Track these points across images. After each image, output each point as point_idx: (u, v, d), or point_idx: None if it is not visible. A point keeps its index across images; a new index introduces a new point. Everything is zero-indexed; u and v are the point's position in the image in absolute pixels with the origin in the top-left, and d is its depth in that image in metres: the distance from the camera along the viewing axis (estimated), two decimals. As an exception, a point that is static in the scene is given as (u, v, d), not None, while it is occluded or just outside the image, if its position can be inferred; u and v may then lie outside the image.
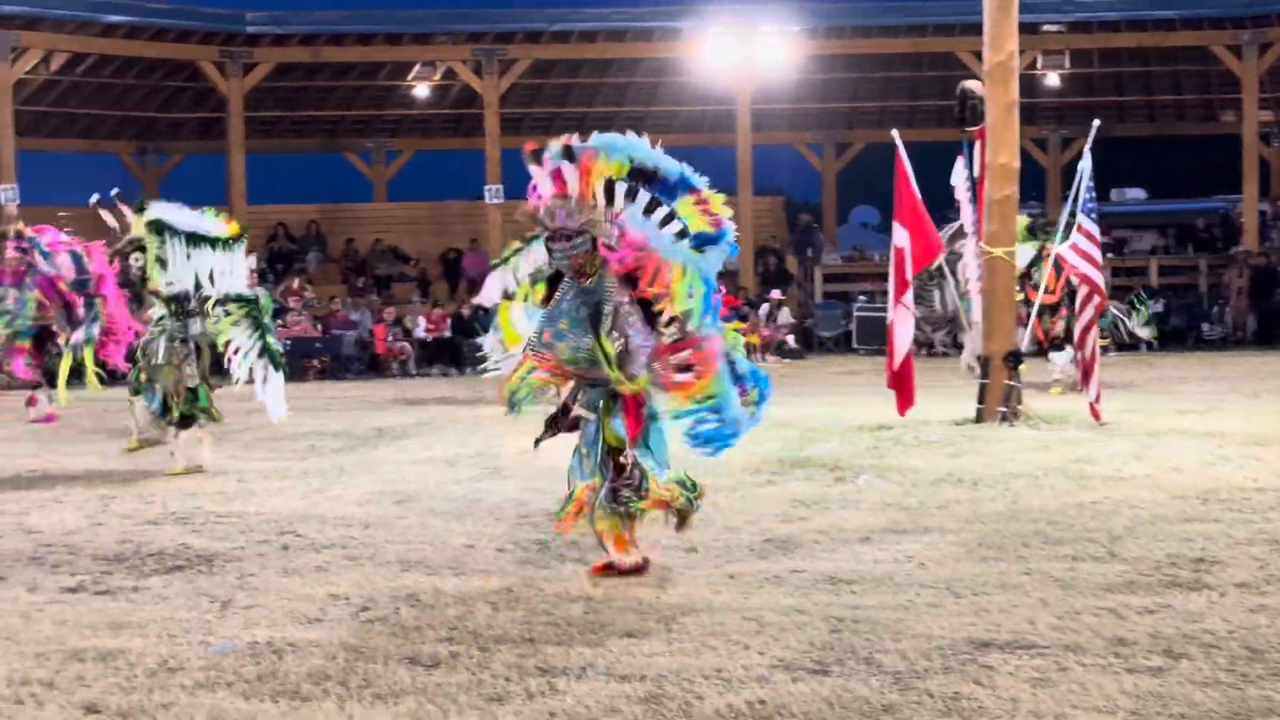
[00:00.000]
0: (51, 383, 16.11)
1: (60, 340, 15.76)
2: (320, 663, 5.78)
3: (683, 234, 7.31)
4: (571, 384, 7.57)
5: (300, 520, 9.36)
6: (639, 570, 7.42)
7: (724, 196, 7.58)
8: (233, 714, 5.17)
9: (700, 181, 7.56)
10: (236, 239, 12.17)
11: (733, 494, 9.86)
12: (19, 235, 15.00)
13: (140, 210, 12.19)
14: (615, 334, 7.28)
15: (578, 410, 7.52)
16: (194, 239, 11.76)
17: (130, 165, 34.62)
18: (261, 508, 10.03)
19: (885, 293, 16.12)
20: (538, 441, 7.77)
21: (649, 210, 7.24)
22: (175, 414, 11.90)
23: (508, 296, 16.91)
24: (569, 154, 7.19)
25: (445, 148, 37.40)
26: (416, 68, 32.69)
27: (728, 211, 7.57)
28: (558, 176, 7.27)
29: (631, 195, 7.21)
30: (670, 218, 7.27)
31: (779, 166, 36.58)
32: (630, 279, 7.24)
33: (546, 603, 6.80)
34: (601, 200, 7.18)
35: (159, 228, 11.75)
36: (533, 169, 7.37)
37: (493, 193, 31.13)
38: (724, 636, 6.00)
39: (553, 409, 7.72)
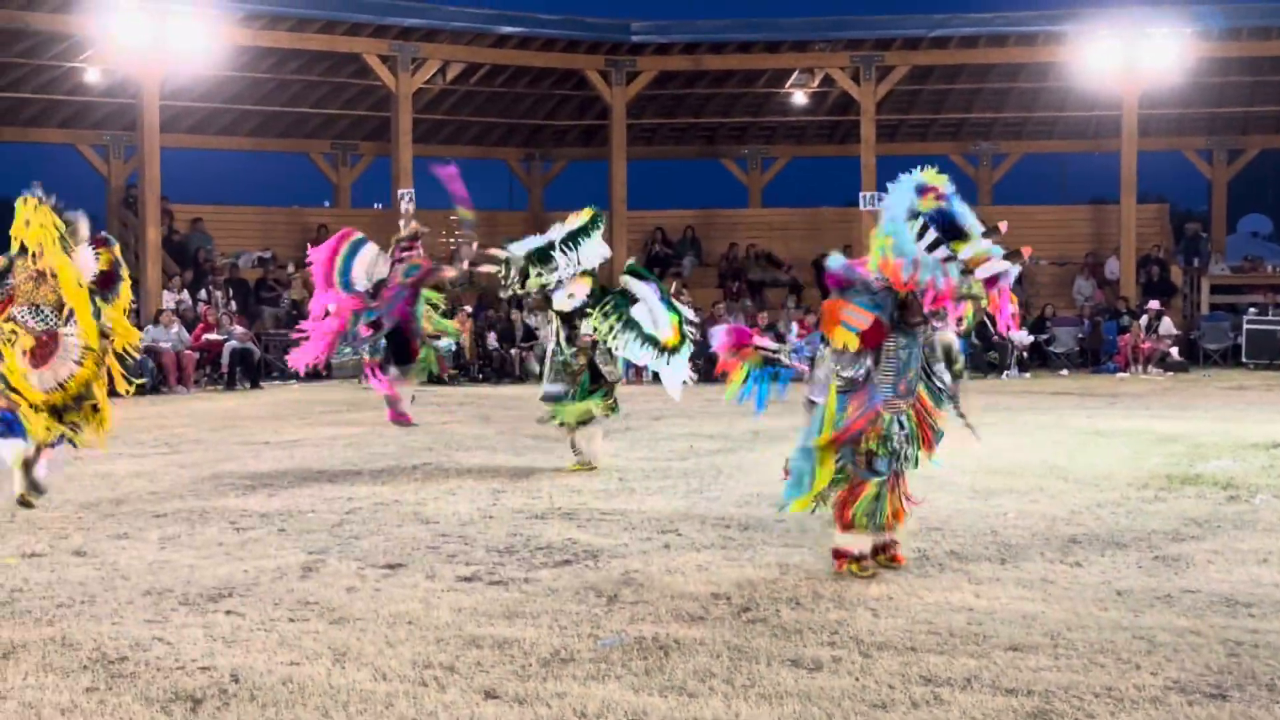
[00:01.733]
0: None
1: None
2: (705, 660, 5.90)
3: None
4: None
5: (681, 519, 9.47)
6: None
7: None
8: (623, 706, 5.30)
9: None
10: (592, 222, 12.34)
11: (1118, 509, 9.64)
12: (415, 236, 15.38)
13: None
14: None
15: None
16: (569, 242, 12.02)
17: (517, 171, 35.56)
18: (643, 506, 10.19)
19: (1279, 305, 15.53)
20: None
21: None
22: (577, 414, 12.17)
23: None
24: None
25: (820, 155, 37.30)
26: (794, 75, 32.71)
27: None
28: None
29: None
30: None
31: (1163, 173, 35.33)
32: None
33: (927, 610, 6.82)
34: None
35: (538, 257, 12.06)
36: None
37: (867, 199, 30.94)
38: (1114, 654, 5.92)
39: None
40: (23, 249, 10.19)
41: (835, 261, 7.86)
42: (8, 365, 10.15)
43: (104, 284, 10.48)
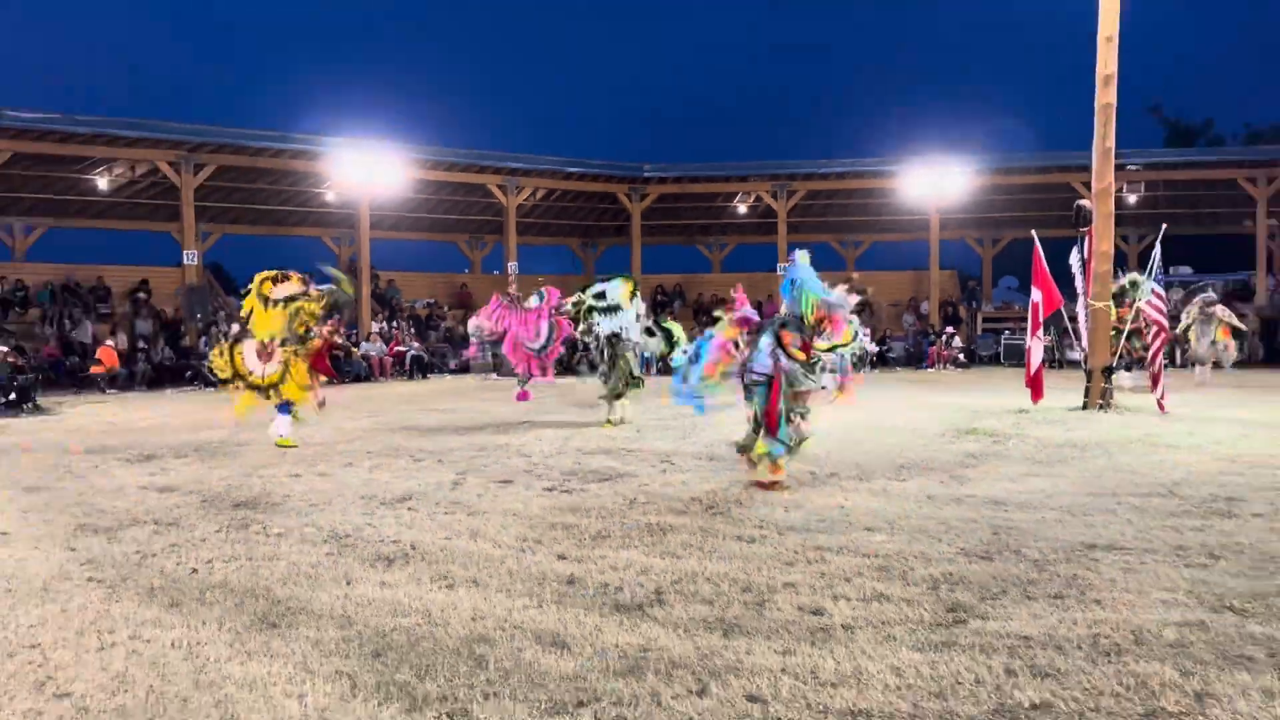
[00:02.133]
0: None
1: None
2: (686, 536, 6.04)
3: None
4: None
5: (673, 454, 9.57)
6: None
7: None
8: (639, 563, 5.39)
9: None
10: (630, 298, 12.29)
11: (928, 448, 9.70)
12: (510, 295, 15.53)
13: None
14: None
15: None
16: (605, 308, 12.18)
17: (577, 252, 35.59)
18: (651, 446, 10.25)
19: (1024, 328, 15.51)
20: None
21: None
22: (613, 391, 12.37)
23: None
24: None
25: (753, 242, 36.82)
26: (738, 195, 32.86)
27: None
28: None
29: None
30: None
31: (954, 252, 35.47)
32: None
33: (816, 508, 6.79)
34: None
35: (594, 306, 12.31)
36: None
37: (780, 269, 31.00)
38: (926, 533, 6.01)
39: None
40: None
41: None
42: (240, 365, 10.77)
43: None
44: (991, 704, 3.41)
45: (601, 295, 12.25)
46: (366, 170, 26.72)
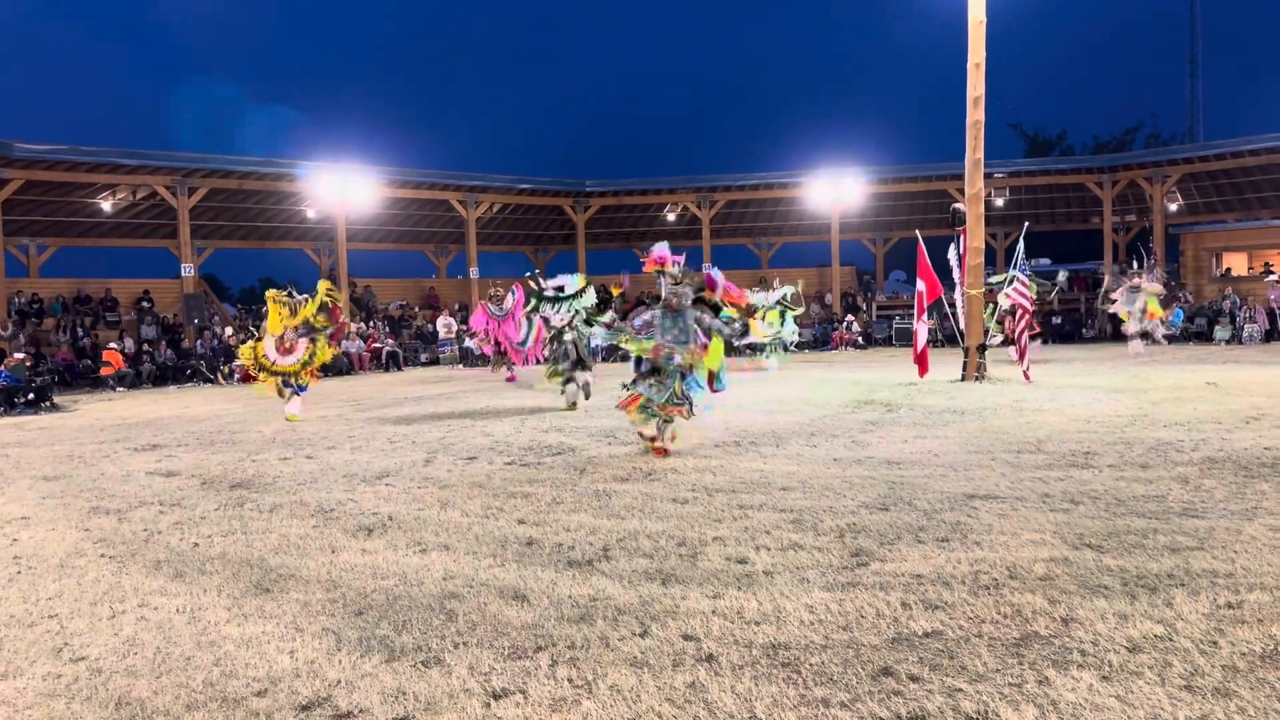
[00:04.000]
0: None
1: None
2: (628, 500, 6.01)
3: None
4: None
5: (615, 430, 9.49)
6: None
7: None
8: (588, 525, 5.32)
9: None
10: (582, 292, 11.98)
11: (833, 417, 9.75)
12: (492, 297, 15.39)
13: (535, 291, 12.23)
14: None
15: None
16: (558, 299, 11.89)
17: (530, 257, 35.21)
18: (597, 423, 10.18)
19: (911, 314, 15.67)
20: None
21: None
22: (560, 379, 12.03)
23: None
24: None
25: (681, 245, 37.12)
26: (667, 206, 32.72)
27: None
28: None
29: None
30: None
31: (852, 251, 35.65)
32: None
33: (740, 471, 6.80)
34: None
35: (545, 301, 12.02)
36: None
37: (706, 268, 31.08)
38: (833, 490, 6.03)
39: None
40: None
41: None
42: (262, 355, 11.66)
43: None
44: (890, 634, 3.43)
45: (560, 288, 12.04)
46: (342, 189, 26.30)
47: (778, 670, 3.15)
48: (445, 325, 26.45)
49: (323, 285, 11.96)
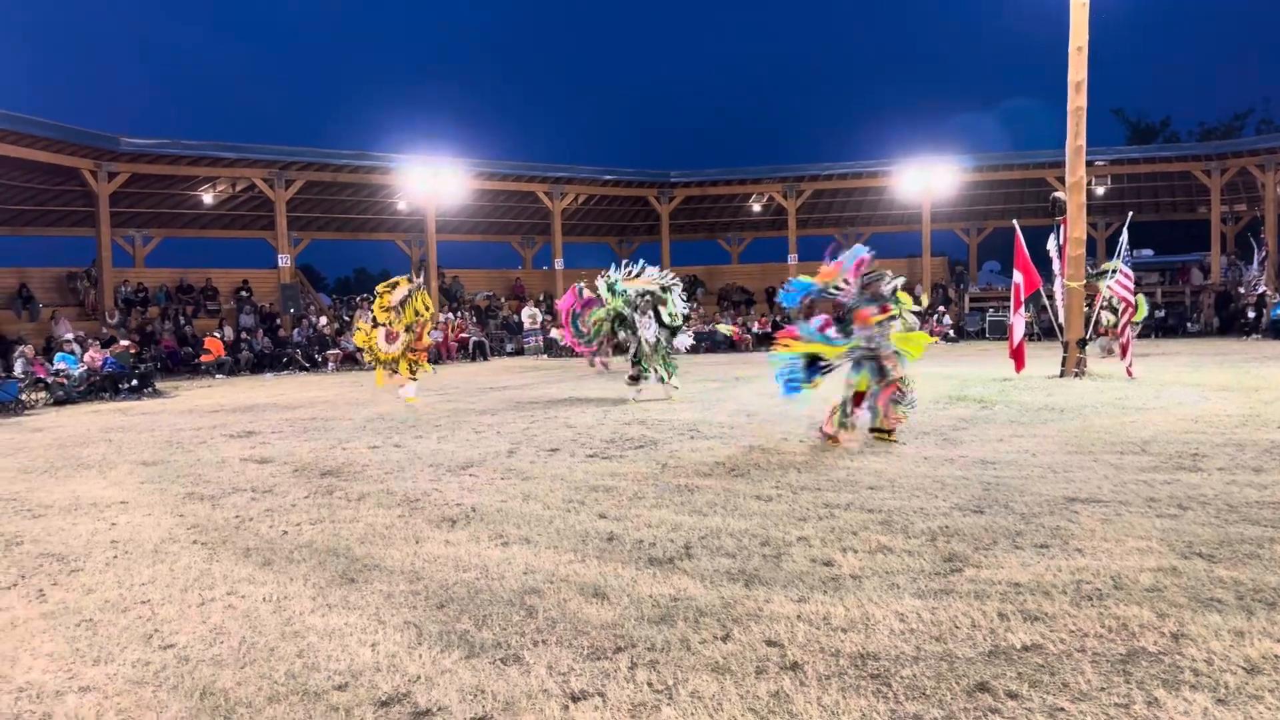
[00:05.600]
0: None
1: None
2: (711, 496, 5.89)
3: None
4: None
5: (699, 424, 9.39)
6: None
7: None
8: (670, 520, 5.27)
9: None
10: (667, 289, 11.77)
11: (924, 414, 9.44)
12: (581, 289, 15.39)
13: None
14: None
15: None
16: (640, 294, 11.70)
17: (614, 248, 35.29)
18: (679, 416, 10.08)
19: (1007, 307, 15.20)
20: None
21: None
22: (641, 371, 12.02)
23: None
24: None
25: (766, 236, 36.53)
26: (753, 195, 32.42)
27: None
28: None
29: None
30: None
31: (944, 241, 34.84)
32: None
33: (826, 469, 6.66)
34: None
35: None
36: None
37: (790, 259, 30.69)
38: (923, 490, 5.82)
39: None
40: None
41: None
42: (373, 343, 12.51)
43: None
44: (987, 646, 3.26)
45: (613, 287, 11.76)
46: (432, 181, 26.73)
47: (866, 682, 3.01)
48: (530, 316, 26.67)
49: (419, 294, 12.64)
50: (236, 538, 5.22)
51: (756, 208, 33.23)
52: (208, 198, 27.24)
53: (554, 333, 25.03)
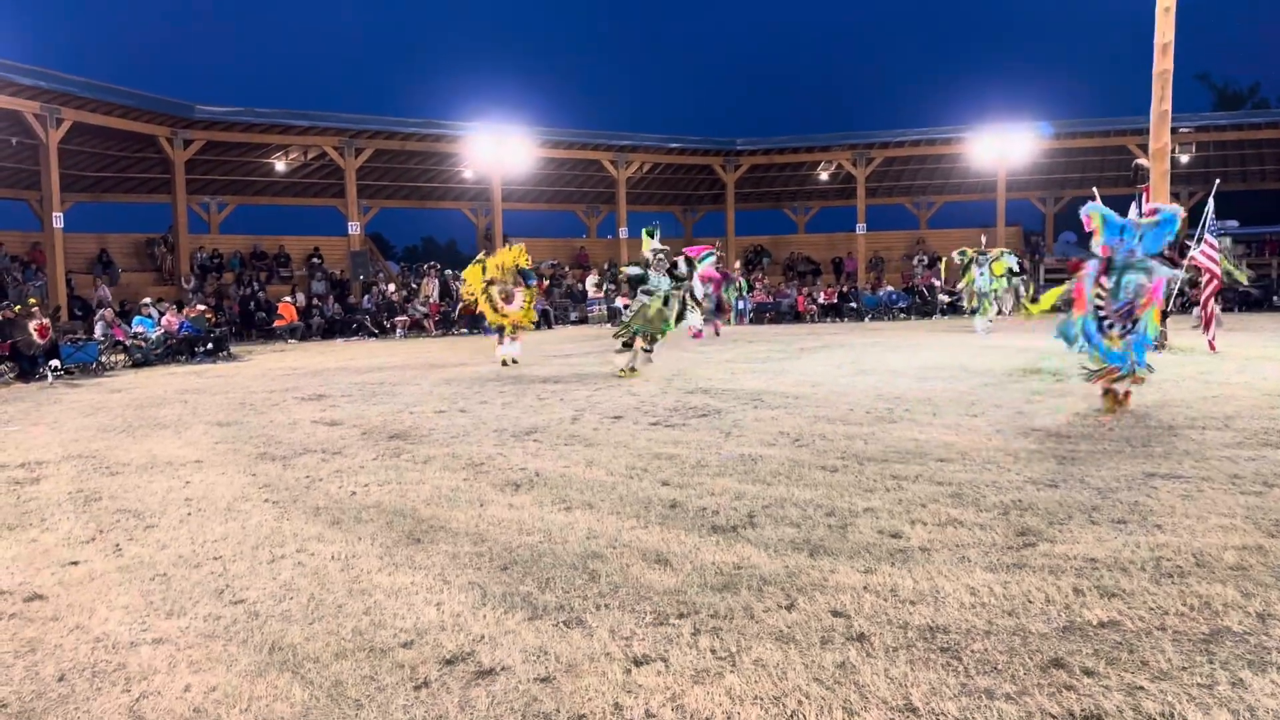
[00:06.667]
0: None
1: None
2: (775, 466, 5.79)
3: None
4: None
5: (763, 393, 9.30)
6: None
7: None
8: (733, 489, 5.23)
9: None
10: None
11: (996, 387, 9.27)
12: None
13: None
14: None
15: None
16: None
17: (679, 217, 35.04)
18: (743, 385, 10.01)
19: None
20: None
21: None
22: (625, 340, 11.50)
23: None
24: None
25: (834, 205, 35.79)
26: (821, 164, 31.86)
27: None
28: None
29: None
30: None
31: (1020, 210, 33.89)
32: None
33: (893, 440, 6.52)
34: None
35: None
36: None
37: (859, 229, 30.18)
38: (995, 464, 5.71)
39: None
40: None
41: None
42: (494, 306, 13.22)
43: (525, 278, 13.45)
44: (1062, 621, 3.16)
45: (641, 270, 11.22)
46: (498, 150, 26.81)
47: (936, 655, 2.94)
48: (594, 284, 26.68)
49: (517, 250, 13.52)
50: (306, 497, 5.31)
51: (824, 176, 32.72)
52: (280, 165, 27.70)
53: (619, 301, 25.03)
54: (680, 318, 11.33)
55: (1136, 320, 7.33)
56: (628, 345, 11.46)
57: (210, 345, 16.79)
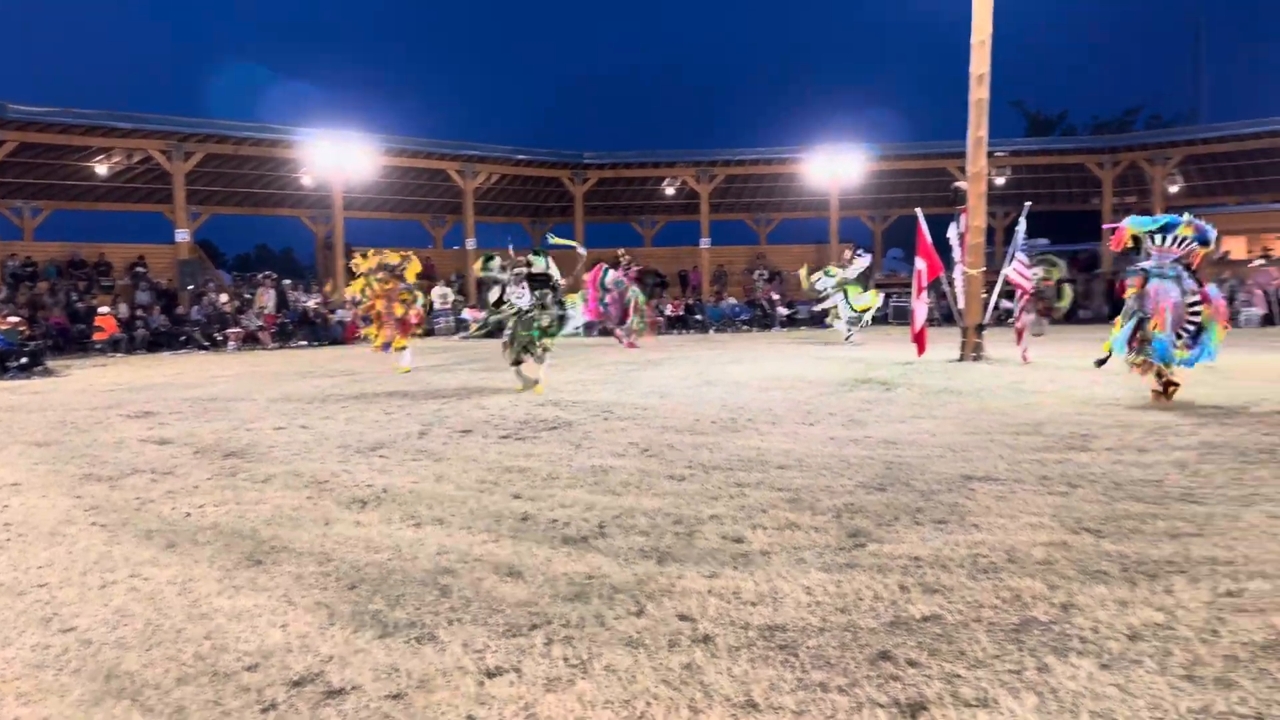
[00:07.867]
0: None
1: None
2: (625, 477, 5.89)
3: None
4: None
5: (612, 405, 9.43)
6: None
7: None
8: (584, 500, 5.28)
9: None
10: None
11: (830, 396, 9.70)
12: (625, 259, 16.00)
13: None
14: None
15: None
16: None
17: (527, 228, 34.99)
18: (593, 397, 10.12)
19: (909, 292, 15.63)
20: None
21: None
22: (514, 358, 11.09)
23: None
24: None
25: (679, 220, 36.42)
26: (666, 179, 32.41)
27: None
28: None
29: None
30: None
31: (850, 228, 35.33)
32: None
33: (736, 450, 6.75)
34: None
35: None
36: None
37: (703, 243, 30.81)
38: (829, 470, 5.98)
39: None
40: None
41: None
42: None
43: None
44: (889, 617, 3.40)
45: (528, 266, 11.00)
46: (339, 157, 26.15)
47: (775, 653, 3.11)
48: (441, 296, 26.34)
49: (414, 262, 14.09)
50: (137, 520, 5.08)
51: (670, 191, 33.36)
52: (101, 169, 26.13)
53: (465, 313, 24.80)
54: (562, 323, 10.98)
55: (1202, 329, 7.88)
56: (518, 363, 11.10)
57: (25, 360, 15.68)
